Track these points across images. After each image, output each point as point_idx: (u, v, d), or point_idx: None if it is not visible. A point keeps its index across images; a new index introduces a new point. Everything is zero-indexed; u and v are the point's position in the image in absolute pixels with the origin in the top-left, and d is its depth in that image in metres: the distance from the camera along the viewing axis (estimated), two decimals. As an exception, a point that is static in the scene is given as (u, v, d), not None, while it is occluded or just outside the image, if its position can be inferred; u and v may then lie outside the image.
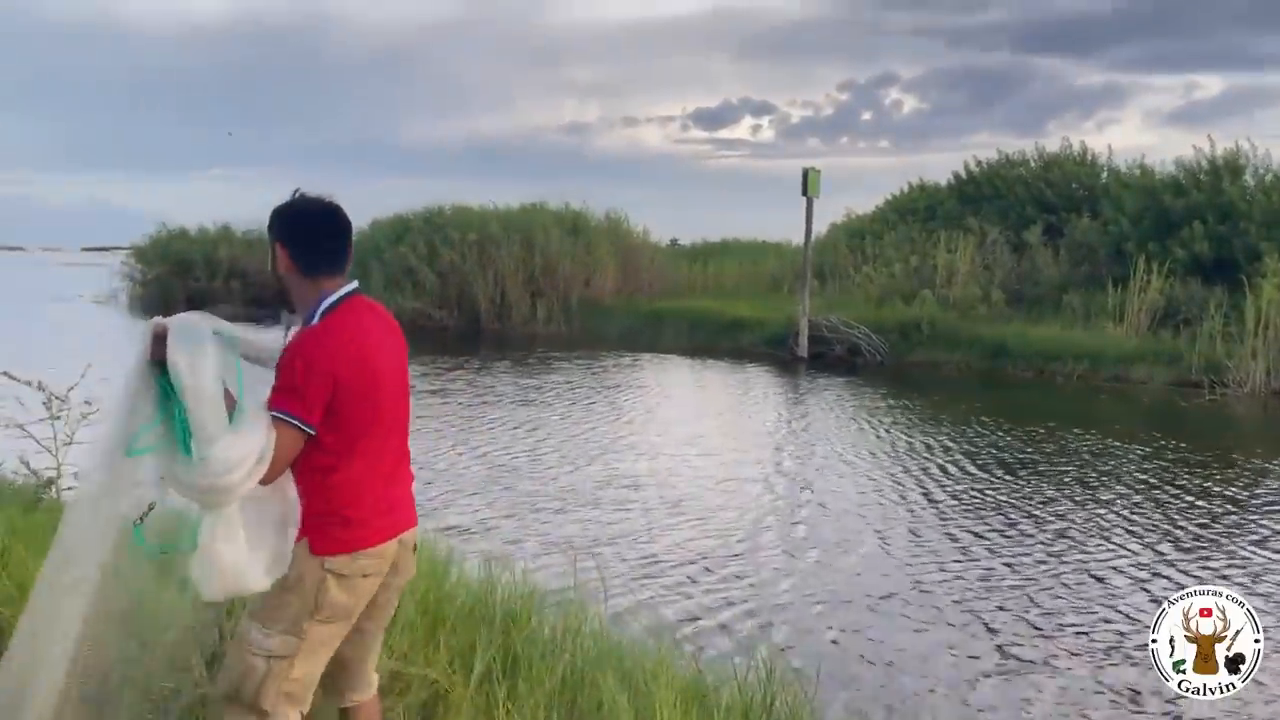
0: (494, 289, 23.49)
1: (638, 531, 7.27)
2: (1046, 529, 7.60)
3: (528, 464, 9.48)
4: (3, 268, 55.22)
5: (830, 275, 22.77)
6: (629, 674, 3.11)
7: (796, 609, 5.68)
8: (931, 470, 9.56)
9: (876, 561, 6.74)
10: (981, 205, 22.28)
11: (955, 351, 17.75)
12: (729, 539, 7.14)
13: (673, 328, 21.28)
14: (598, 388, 14.81)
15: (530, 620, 3.33)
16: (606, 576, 4.92)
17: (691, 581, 6.16)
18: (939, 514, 8.02)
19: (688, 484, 8.92)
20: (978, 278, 19.75)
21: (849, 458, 10.20)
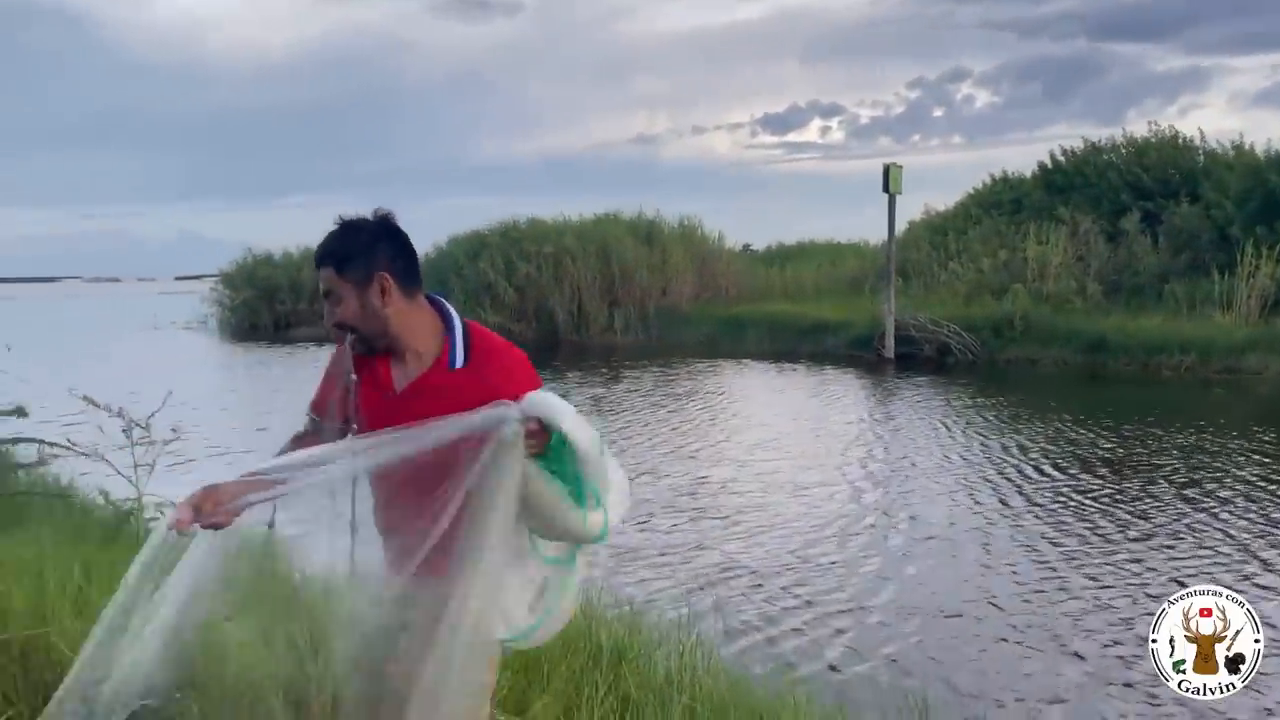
0: (571, 301, 23.42)
1: (728, 548, 6.93)
2: (1151, 535, 7.05)
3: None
4: (100, 298, 57.34)
5: (913, 274, 22.11)
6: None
7: (910, 638, 5.28)
8: (1028, 472, 9.04)
9: (980, 579, 6.26)
10: (1071, 195, 21.40)
11: (1051, 347, 17.01)
12: (821, 554, 6.75)
13: (753, 333, 20.91)
14: (675, 395, 14.52)
15: (637, 654, 3.05)
16: (708, 599, 4.60)
17: (796, 599, 5.81)
18: (1041, 520, 7.51)
19: (769, 492, 8.55)
20: (1072, 269, 18.95)
21: (940, 461, 9.72)
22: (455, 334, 2.14)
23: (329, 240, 2.14)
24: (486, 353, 2.13)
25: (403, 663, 2.09)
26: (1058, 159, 22.86)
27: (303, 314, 28.18)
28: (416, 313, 2.15)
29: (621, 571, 5.84)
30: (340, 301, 2.11)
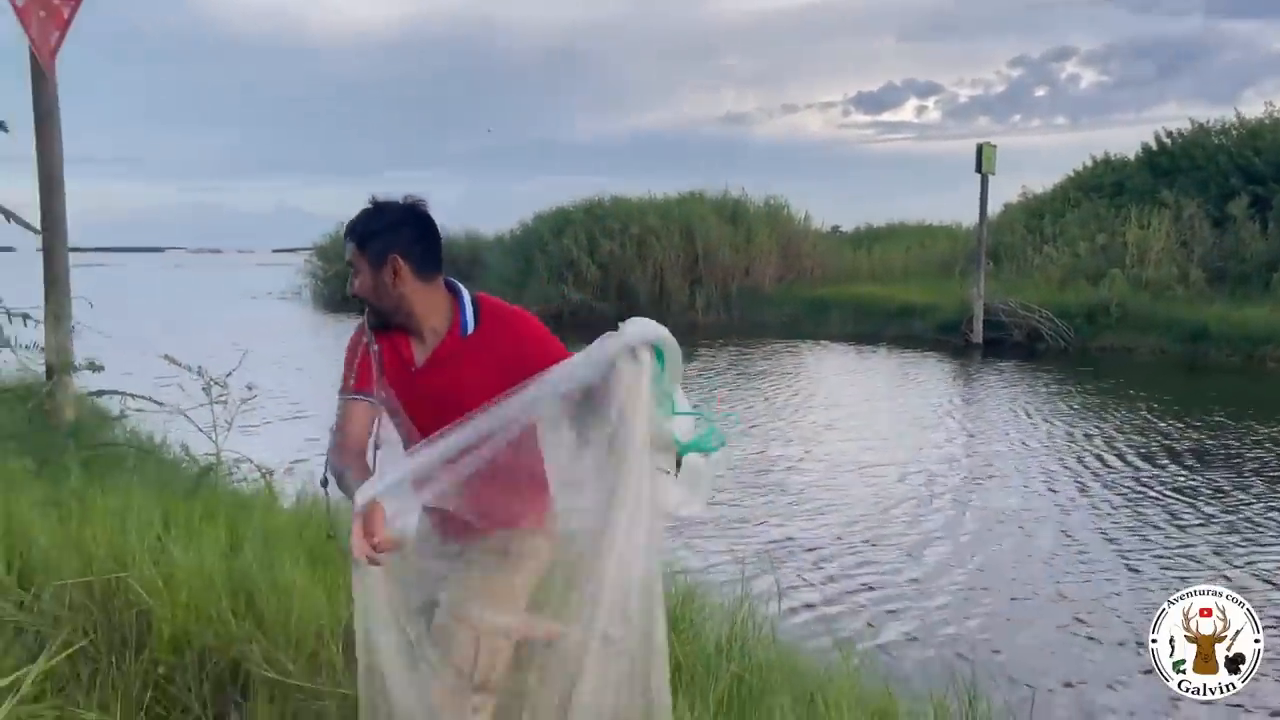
0: (653, 279, 23.42)
1: (798, 525, 6.88)
2: (1233, 530, 6.74)
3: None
4: (201, 269, 59.40)
5: (1006, 257, 21.47)
6: (807, 692, 2.78)
7: (968, 621, 5.17)
8: (1110, 461, 8.75)
9: (1048, 567, 6.08)
10: (1176, 178, 20.48)
11: (1149, 335, 16.38)
12: (886, 534, 6.67)
13: (836, 314, 20.63)
14: (748, 374, 14.41)
15: (689, 624, 3.04)
16: (765, 573, 4.57)
17: (855, 579, 5.75)
18: (1119, 510, 7.25)
19: (836, 472, 8.47)
20: (1174, 255, 18.19)
21: (1020, 448, 9.47)
22: (464, 304, 2.29)
23: (358, 217, 2.27)
24: (496, 319, 2.30)
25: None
26: (1163, 140, 21.90)
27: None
28: (433, 294, 2.28)
29: (682, 543, 5.88)
30: (358, 274, 2.26)
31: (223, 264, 75.35)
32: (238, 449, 4.30)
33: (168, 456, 5.07)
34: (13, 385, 5.06)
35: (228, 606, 3.03)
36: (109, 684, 2.75)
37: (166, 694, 2.82)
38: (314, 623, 3.00)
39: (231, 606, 3.05)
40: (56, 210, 6.02)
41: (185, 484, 4.10)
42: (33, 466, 4.05)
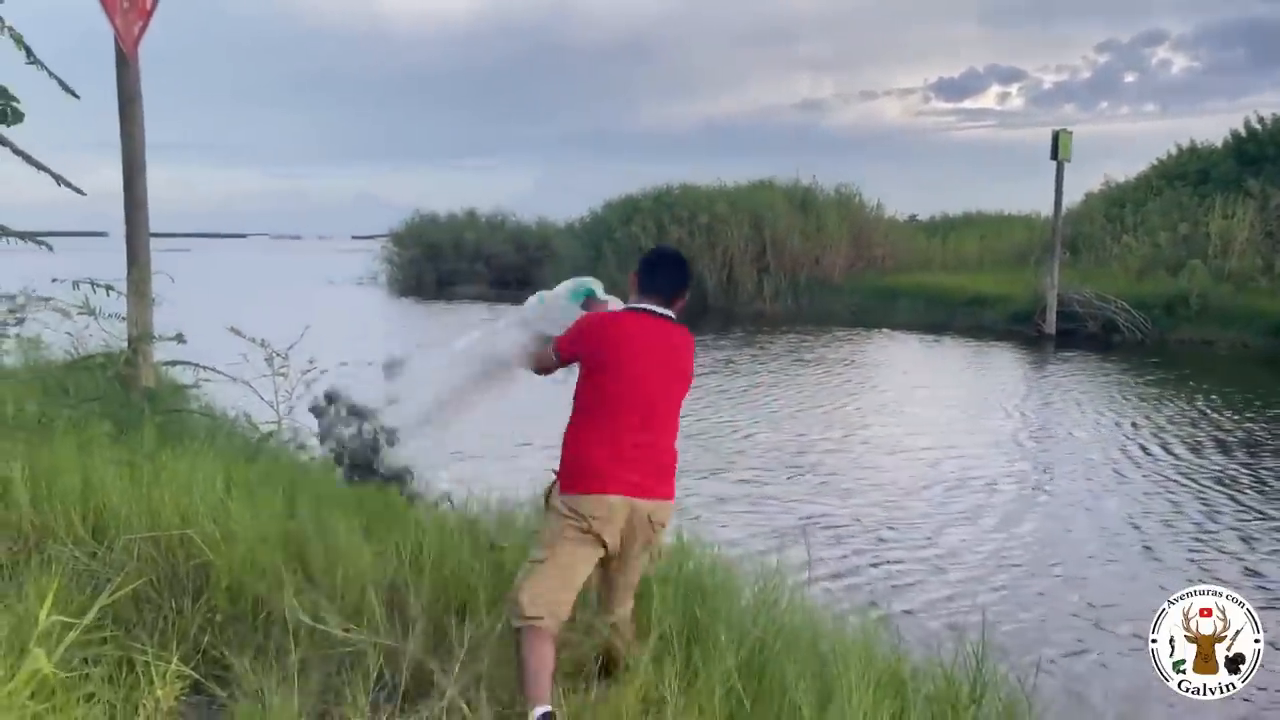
0: (721, 267, 23.41)
1: (848, 508, 6.92)
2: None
3: (741, 437, 9.29)
4: (282, 255, 61.01)
5: (1084, 247, 21.00)
6: (822, 655, 2.87)
7: (1014, 602, 5.20)
8: (1167, 454, 8.60)
9: (1101, 562, 6.03)
10: (1264, 166, 19.77)
11: (1230, 328, 15.91)
12: (948, 519, 6.69)
13: (907, 304, 20.40)
14: (804, 360, 14.37)
15: (714, 588, 3.15)
16: (809, 549, 4.65)
17: (899, 561, 5.82)
18: (1163, 503, 7.13)
19: (903, 462, 8.47)
20: (1258, 246, 17.60)
21: (1077, 438, 9.36)
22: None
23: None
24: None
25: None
26: (1253, 127, 21.14)
27: (463, 273, 29.28)
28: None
29: (715, 517, 6.06)
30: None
31: (304, 249, 77.32)
32: (300, 420, 4.53)
33: (236, 425, 5.34)
34: (97, 353, 5.37)
35: (280, 561, 3.22)
36: (170, 626, 2.96)
37: (222, 638, 3.02)
38: (359, 579, 3.18)
39: (284, 561, 3.24)
40: (139, 193, 6.32)
41: (248, 450, 4.33)
42: (110, 430, 4.32)
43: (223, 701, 2.67)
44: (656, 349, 2.94)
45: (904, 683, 2.65)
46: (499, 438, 7.34)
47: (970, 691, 2.64)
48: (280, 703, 2.51)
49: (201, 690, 2.76)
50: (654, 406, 2.92)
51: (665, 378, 2.95)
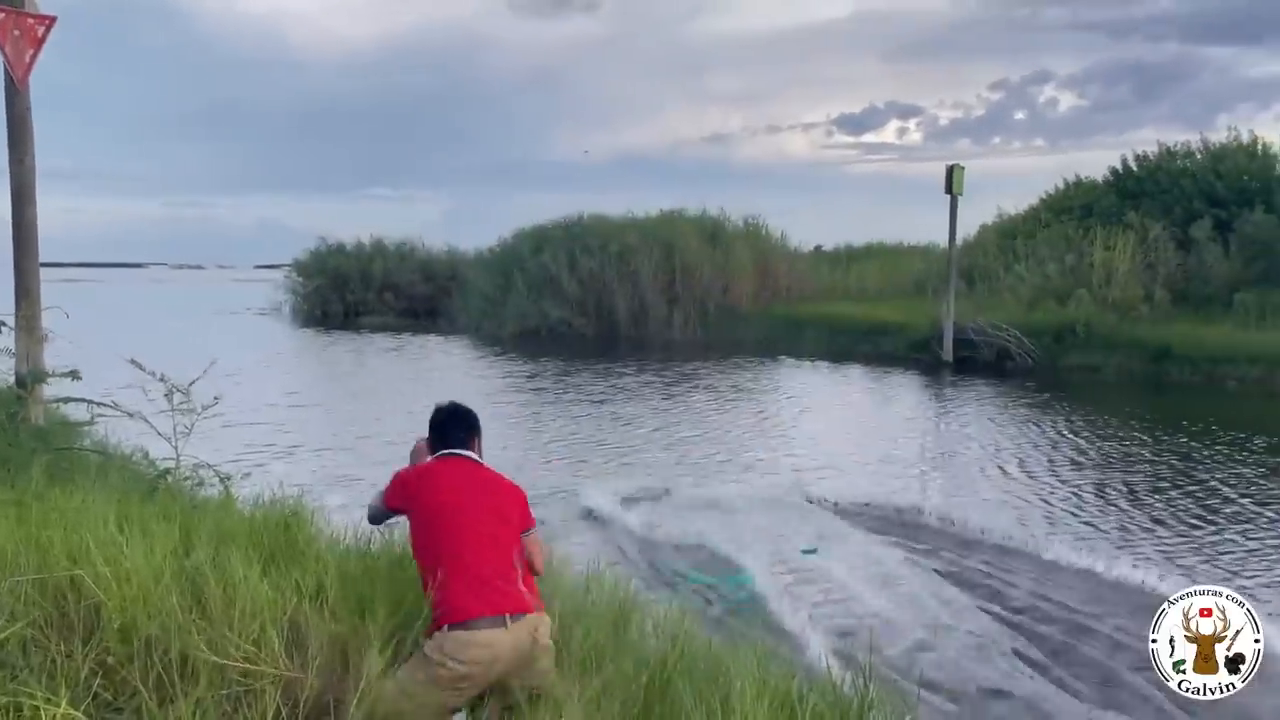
0: (632, 297, 23.63)
1: (746, 529, 7.07)
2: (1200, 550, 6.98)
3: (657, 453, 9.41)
4: (182, 284, 59.28)
5: (979, 277, 21.82)
6: (716, 680, 2.96)
7: (902, 619, 5.39)
8: (1064, 473, 9.06)
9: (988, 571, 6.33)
10: (1143, 201, 20.88)
11: (1114, 355, 16.72)
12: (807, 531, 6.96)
13: (811, 333, 20.88)
14: (726, 390, 14.62)
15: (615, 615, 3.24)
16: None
17: (794, 578, 5.97)
18: (1070, 525, 7.52)
19: (808, 480, 8.73)
20: (1139, 276, 18.56)
21: (982, 462, 9.75)
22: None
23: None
24: None
25: None
26: (1129, 164, 22.34)
27: (370, 302, 28.91)
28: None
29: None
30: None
31: (204, 279, 75.25)
32: (198, 454, 4.46)
33: (130, 461, 5.22)
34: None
35: (176, 600, 3.17)
36: (58, 670, 2.89)
37: (113, 682, 2.96)
38: (258, 615, 3.15)
39: (179, 600, 3.19)
40: (27, 222, 6.16)
41: (143, 487, 4.24)
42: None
43: (115, 743, 2.63)
44: (476, 483, 3.24)
45: (795, 700, 2.75)
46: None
47: (858, 709, 2.76)
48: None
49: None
50: (478, 532, 3.13)
51: (493, 510, 3.19)
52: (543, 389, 15.06)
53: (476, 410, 3.39)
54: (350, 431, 10.96)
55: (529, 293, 24.01)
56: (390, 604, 3.27)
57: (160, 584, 3.24)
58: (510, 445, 9.88)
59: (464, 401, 3.42)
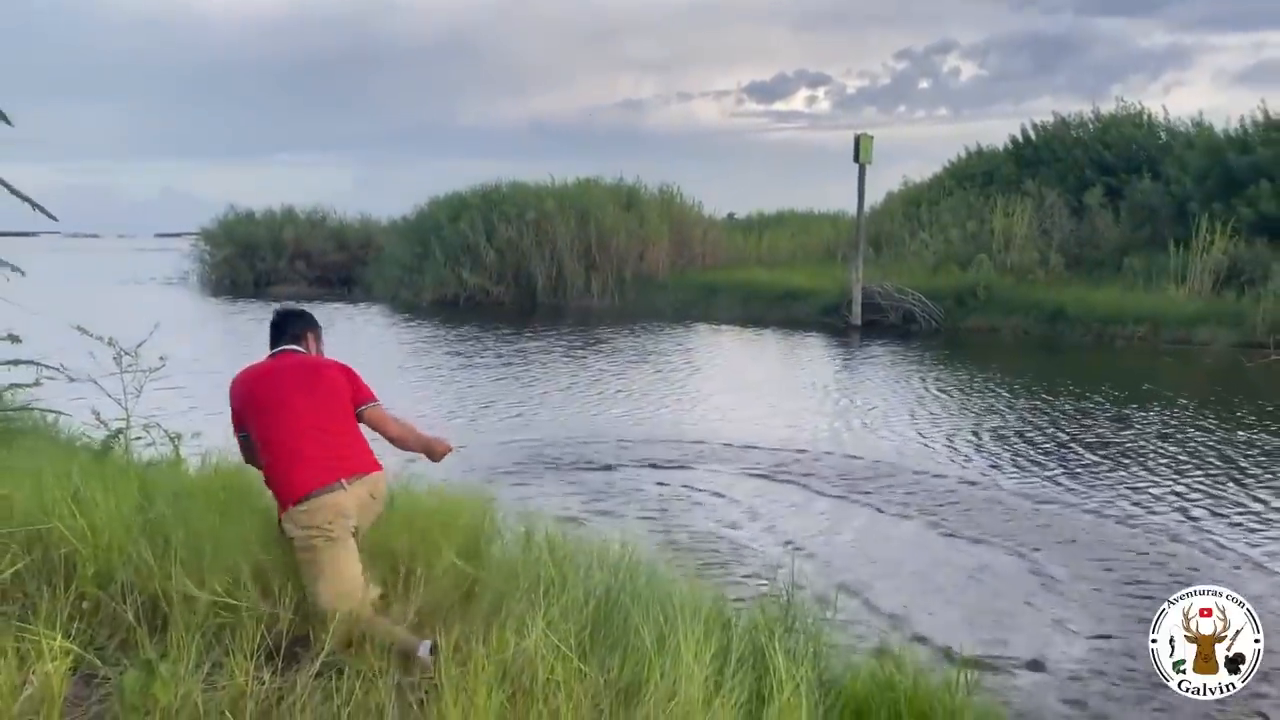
0: (550, 264, 23.75)
1: (674, 476, 7.45)
2: (1094, 490, 7.60)
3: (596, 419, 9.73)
4: (78, 254, 57.02)
5: (885, 244, 22.61)
6: (660, 601, 3.29)
7: (819, 552, 5.85)
8: (964, 429, 9.67)
9: (895, 516, 6.84)
10: (1040, 169, 21.88)
11: (1012, 316, 17.58)
12: (760, 483, 7.35)
13: (726, 299, 21.34)
14: (643, 354, 14.99)
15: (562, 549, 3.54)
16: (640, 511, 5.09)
17: (718, 519, 6.36)
18: (973, 469, 8.09)
19: (724, 434, 9.17)
20: (1035, 242, 19.47)
21: (889, 417, 10.32)
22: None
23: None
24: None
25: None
26: (1028, 133, 23.30)
27: (282, 272, 28.41)
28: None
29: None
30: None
31: (102, 248, 72.43)
32: (145, 413, 4.58)
33: (71, 423, 5.29)
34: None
35: (147, 549, 3.37)
36: (40, 612, 3.07)
37: (91, 624, 3.16)
38: (229, 560, 3.36)
39: (149, 548, 3.39)
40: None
41: (97, 446, 4.36)
42: (-57, 434, 4.25)
43: (104, 675, 2.83)
44: (290, 376, 3.54)
45: (728, 620, 3.10)
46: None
47: (783, 618, 3.11)
48: (167, 671, 2.70)
49: (80, 670, 2.90)
50: (304, 421, 3.44)
51: (310, 391, 3.50)
52: (456, 353, 15.21)
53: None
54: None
55: (446, 260, 23.92)
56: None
57: (130, 534, 3.43)
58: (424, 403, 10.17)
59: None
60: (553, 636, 2.56)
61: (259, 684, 2.75)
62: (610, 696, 2.63)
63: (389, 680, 2.67)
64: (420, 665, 2.95)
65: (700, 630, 2.93)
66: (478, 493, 4.57)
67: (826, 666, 3.09)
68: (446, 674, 2.49)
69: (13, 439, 4.46)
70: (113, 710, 2.70)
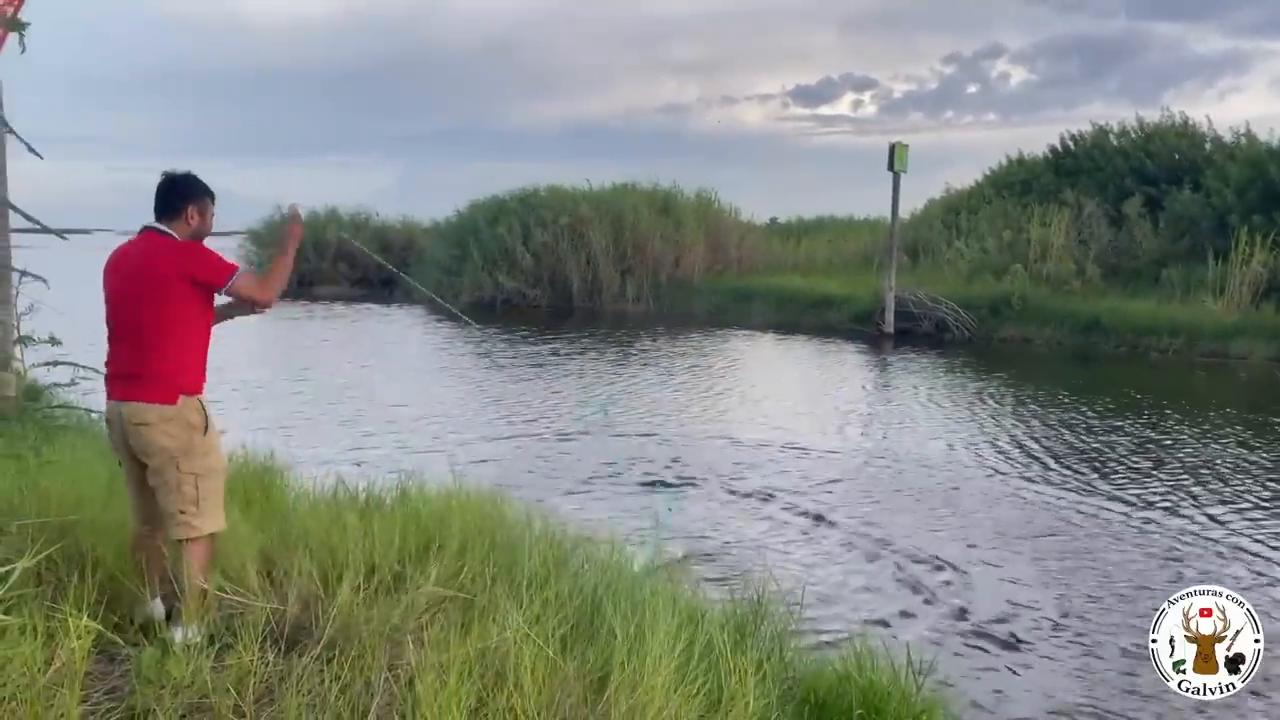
0: (585, 268, 24.02)
1: (696, 486, 7.63)
2: (1118, 506, 7.65)
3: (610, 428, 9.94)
4: (133, 252, 58.39)
5: (923, 252, 22.58)
6: (640, 599, 3.49)
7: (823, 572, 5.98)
8: (1001, 441, 9.69)
9: (929, 526, 6.96)
10: (1079, 178, 21.72)
11: (1047, 327, 17.50)
12: (785, 494, 7.48)
13: (760, 305, 21.45)
14: (665, 355, 15.18)
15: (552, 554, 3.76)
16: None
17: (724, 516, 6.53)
18: (1000, 481, 8.17)
19: (750, 445, 9.29)
20: (1072, 252, 19.34)
21: (918, 428, 10.38)
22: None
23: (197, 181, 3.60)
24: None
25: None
26: (1068, 143, 23.13)
27: (325, 272, 28.98)
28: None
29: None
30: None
31: (154, 247, 74.36)
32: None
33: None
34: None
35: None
36: (64, 599, 3.34)
37: (116, 609, 3.43)
38: (239, 555, 3.62)
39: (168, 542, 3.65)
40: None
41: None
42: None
43: (125, 653, 3.09)
44: (124, 272, 3.40)
45: (701, 614, 3.29)
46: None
47: (753, 618, 3.29)
48: (180, 650, 2.96)
49: (103, 648, 3.17)
50: (121, 322, 3.39)
51: (133, 291, 3.36)
52: (481, 354, 15.53)
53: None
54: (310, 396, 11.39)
55: (484, 264, 24.29)
56: (328, 546, 3.74)
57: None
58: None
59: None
60: (524, 627, 2.76)
61: (264, 665, 3.00)
62: (581, 685, 2.83)
63: (379, 661, 2.90)
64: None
65: (674, 625, 3.13)
66: (489, 492, 4.80)
67: (794, 661, 3.26)
68: (430, 660, 2.71)
69: (54, 435, 4.78)
70: (130, 684, 2.96)
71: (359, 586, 3.49)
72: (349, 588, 3.38)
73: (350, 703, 2.67)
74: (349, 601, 3.31)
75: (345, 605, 3.28)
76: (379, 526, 3.85)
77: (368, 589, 3.52)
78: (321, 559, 3.74)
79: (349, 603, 3.30)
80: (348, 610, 3.26)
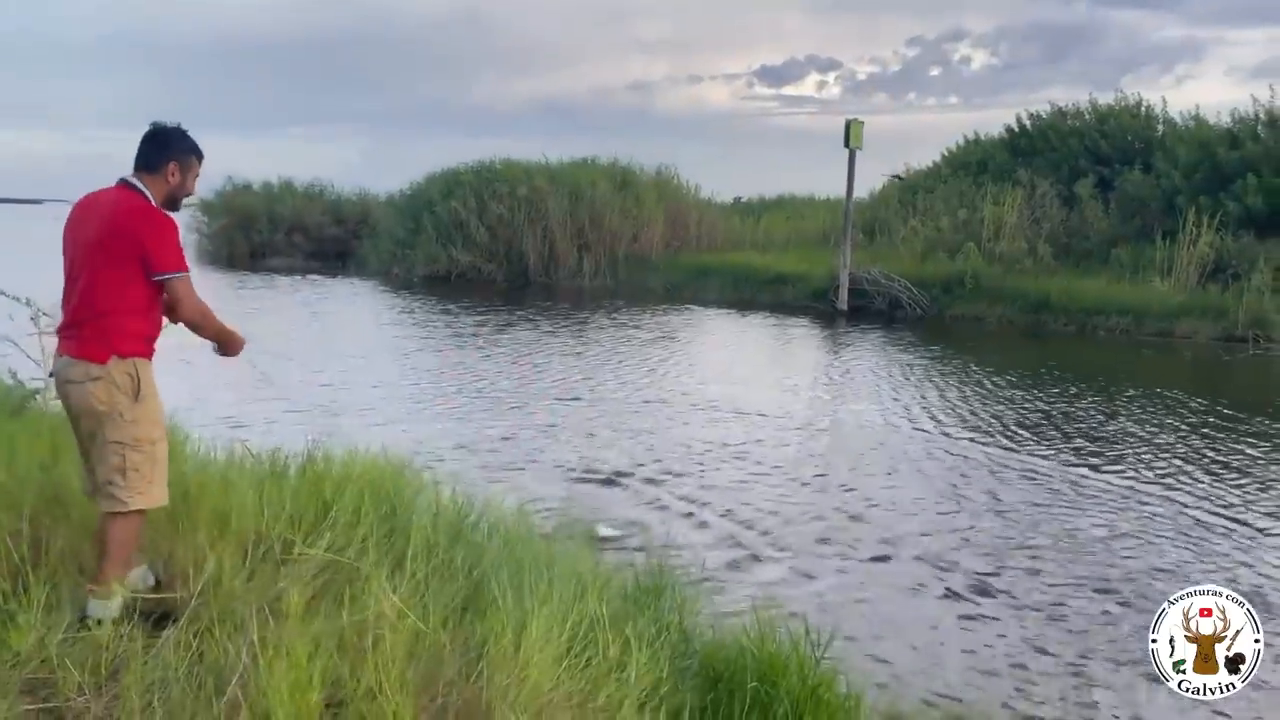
0: (542, 243, 23.76)
1: (637, 454, 7.51)
2: (1063, 480, 7.64)
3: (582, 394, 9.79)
4: (82, 223, 57.09)
5: (880, 231, 22.58)
6: (540, 569, 3.36)
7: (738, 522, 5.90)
8: (942, 414, 9.68)
9: (858, 497, 6.90)
10: (1034, 158, 21.80)
11: (998, 305, 17.56)
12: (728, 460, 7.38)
13: (716, 282, 21.35)
14: (628, 332, 15.05)
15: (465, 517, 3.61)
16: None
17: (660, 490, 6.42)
18: (904, 452, 8.14)
19: (701, 415, 9.19)
20: (1025, 231, 19.42)
21: (864, 402, 10.34)
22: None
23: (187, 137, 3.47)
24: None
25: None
26: (1023, 123, 23.20)
27: (279, 244, 28.49)
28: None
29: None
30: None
31: (106, 218, 72.67)
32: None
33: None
34: None
35: (40, 505, 3.44)
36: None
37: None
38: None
39: (45, 506, 3.46)
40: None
41: (12, 406, 4.44)
42: None
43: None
44: (86, 221, 3.26)
45: (602, 585, 3.16)
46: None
47: (654, 586, 3.18)
48: (24, 620, 2.78)
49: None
50: (73, 273, 3.26)
51: (86, 241, 3.23)
52: (438, 327, 15.28)
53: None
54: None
55: (438, 236, 23.96)
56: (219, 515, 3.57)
57: (25, 490, 3.51)
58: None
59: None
60: (394, 598, 2.62)
61: (129, 641, 2.83)
62: (462, 660, 2.69)
63: (249, 636, 2.74)
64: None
65: (570, 594, 3.00)
66: (398, 458, 4.64)
67: (697, 632, 3.15)
68: (294, 633, 2.55)
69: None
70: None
71: (246, 556, 3.33)
72: (230, 558, 3.22)
73: (198, 680, 2.51)
74: (228, 572, 3.15)
75: (219, 576, 3.11)
76: (273, 494, 3.68)
77: (255, 559, 3.36)
78: (210, 528, 3.57)
79: (227, 574, 3.14)
80: (223, 582, 3.09)
